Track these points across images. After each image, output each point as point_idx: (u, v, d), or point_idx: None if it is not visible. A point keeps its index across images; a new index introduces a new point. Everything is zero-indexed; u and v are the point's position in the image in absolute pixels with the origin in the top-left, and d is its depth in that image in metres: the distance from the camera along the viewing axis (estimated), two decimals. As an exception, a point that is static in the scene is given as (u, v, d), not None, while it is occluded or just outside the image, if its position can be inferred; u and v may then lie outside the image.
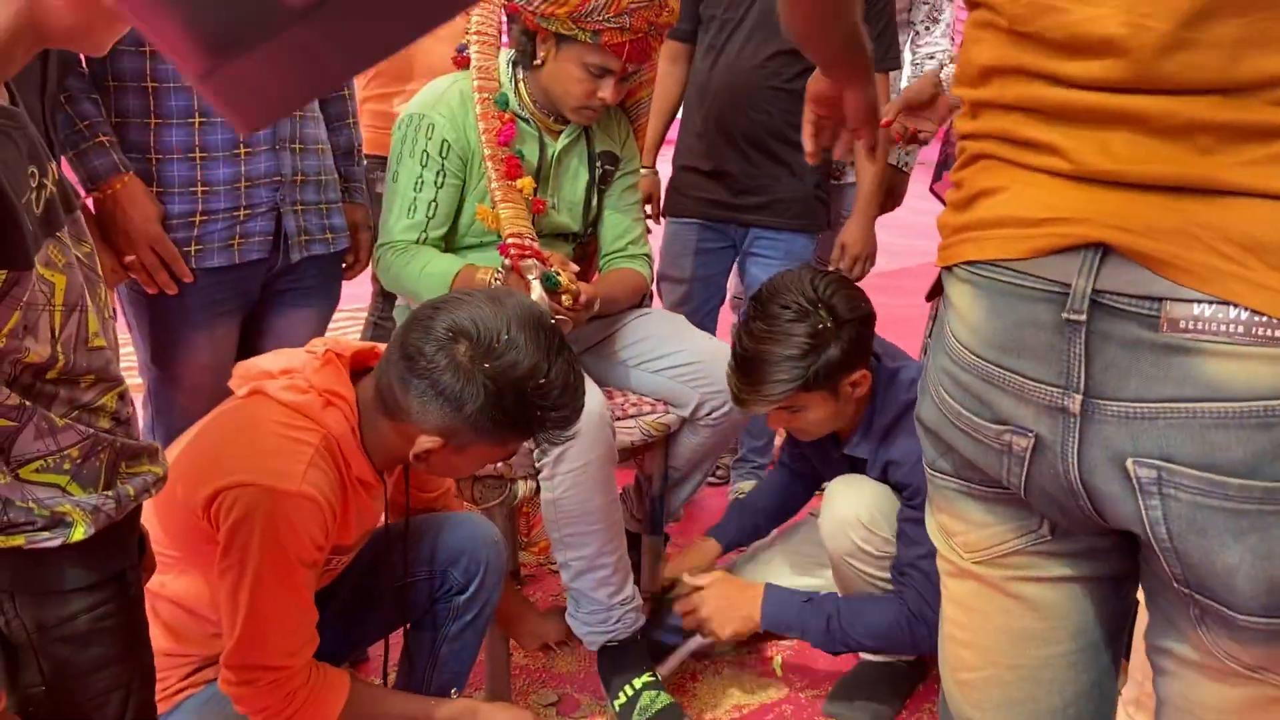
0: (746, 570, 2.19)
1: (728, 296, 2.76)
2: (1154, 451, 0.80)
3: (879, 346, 1.86)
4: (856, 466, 1.92)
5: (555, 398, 1.33)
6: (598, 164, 2.04)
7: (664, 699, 1.85)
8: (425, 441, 1.33)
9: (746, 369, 1.74)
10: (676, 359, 2.00)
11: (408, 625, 1.66)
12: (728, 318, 2.56)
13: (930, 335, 1.00)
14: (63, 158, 1.62)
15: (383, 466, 1.43)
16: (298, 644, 1.35)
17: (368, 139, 2.37)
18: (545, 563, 2.47)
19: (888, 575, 1.84)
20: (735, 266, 2.63)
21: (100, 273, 1.04)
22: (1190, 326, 0.76)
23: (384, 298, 2.77)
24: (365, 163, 2.12)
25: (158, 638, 1.41)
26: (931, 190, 2.87)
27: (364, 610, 1.62)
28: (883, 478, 1.85)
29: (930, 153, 2.84)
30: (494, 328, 1.30)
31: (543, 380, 1.31)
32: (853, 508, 1.84)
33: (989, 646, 1.01)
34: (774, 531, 2.26)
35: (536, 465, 1.81)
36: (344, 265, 2.05)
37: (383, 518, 1.56)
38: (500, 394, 1.29)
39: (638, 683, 1.86)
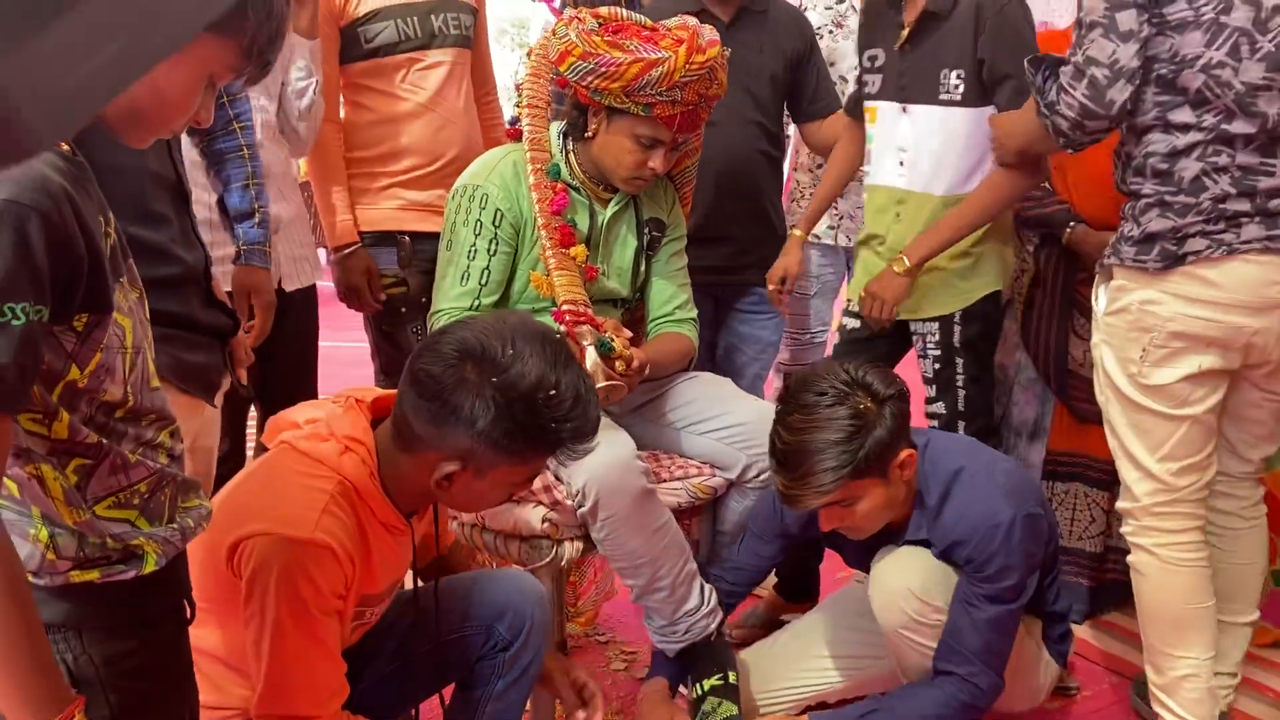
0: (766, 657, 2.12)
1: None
2: None
3: None
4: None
5: (568, 409, 1.33)
6: (645, 231, 2.08)
7: (726, 708, 1.90)
8: (445, 466, 1.34)
9: (791, 463, 1.66)
10: (723, 421, 2.01)
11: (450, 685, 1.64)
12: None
13: None
14: None
15: (407, 508, 1.44)
16: (325, 693, 1.34)
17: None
18: (591, 633, 2.45)
19: None
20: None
21: (149, 316, 1.09)
22: None
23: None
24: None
25: (200, 690, 1.42)
26: None
27: (407, 668, 1.61)
28: (945, 557, 1.80)
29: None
30: (498, 343, 1.32)
31: (552, 391, 1.32)
32: (903, 578, 1.80)
33: None
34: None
35: (579, 517, 1.82)
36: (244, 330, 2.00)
37: (410, 570, 1.55)
38: (510, 406, 1.30)
39: (706, 684, 1.93)
